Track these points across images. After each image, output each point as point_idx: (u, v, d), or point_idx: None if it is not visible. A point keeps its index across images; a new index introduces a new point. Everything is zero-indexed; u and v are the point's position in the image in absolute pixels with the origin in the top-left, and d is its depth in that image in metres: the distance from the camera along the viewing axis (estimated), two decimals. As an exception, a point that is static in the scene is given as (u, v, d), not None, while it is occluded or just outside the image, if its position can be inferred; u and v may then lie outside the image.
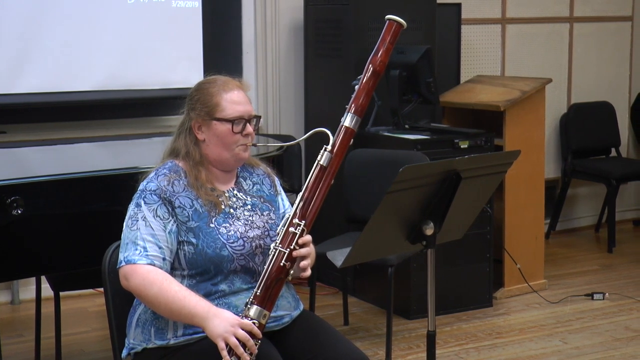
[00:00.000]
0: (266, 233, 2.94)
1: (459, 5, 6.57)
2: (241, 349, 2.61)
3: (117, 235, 3.06)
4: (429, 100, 5.63)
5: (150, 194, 2.82)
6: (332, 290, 5.72)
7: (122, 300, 3.03)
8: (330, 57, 5.98)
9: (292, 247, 2.74)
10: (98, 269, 3.05)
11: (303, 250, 2.77)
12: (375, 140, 5.41)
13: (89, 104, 5.66)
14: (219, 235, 2.84)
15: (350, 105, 2.86)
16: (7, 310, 5.38)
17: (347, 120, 2.85)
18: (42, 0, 5.41)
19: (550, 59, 7.29)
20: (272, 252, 2.75)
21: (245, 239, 2.88)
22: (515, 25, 7.15)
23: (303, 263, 2.79)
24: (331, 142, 2.82)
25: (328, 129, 2.87)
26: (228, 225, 2.87)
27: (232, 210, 2.92)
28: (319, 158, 2.79)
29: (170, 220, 2.81)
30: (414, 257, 4.93)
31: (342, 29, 5.86)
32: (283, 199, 3.13)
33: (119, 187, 3.82)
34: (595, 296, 5.86)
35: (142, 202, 2.82)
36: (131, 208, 2.85)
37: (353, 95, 2.87)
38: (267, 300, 2.70)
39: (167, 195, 2.82)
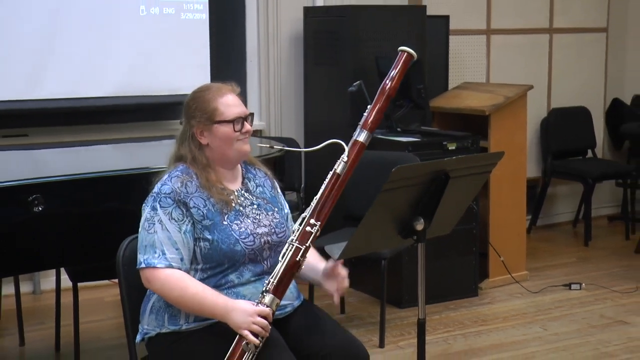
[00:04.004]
0: (272, 230, 2.95)
1: (447, 17, 6.57)
2: (263, 333, 2.66)
3: (130, 230, 3.07)
4: (419, 106, 5.63)
5: (165, 197, 2.82)
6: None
7: (135, 291, 3.02)
8: (328, 65, 5.98)
9: (307, 244, 2.76)
10: (113, 261, 3.04)
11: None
12: (370, 143, 5.37)
13: (104, 108, 5.66)
14: (232, 232, 2.85)
15: (365, 123, 2.87)
16: (29, 300, 5.37)
17: (361, 137, 2.85)
18: (61, 13, 5.41)
19: (532, 67, 7.30)
20: (289, 247, 2.76)
21: (255, 235, 2.89)
22: (499, 36, 7.15)
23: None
24: (346, 153, 2.82)
25: (329, 134, 2.89)
26: (239, 222, 2.88)
27: (241, 209, 2.93)
28: (335, 167, 2.81)
29: (185, 221, 2.81)
30: (405, 250, 4.93)
31: (339, 40, 5.86)
32: (283, 199, 3.14)
33: (132, 186, 3.83)
34: (573, 286, 5.88)
35: (158, 206, 2.81)
36: (147, 211, 2.84)
37: (366, 114, 2.88)
38: (280, 290, 2.73)
39: (182, 197, 2.82)
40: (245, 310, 2.69)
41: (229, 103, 2.91)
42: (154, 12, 5.73)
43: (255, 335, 2.66)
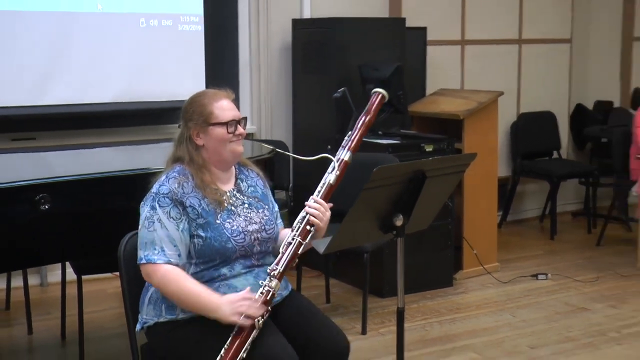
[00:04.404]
0: (262, 227, 2.95)
1: (424, 28, 6.58)
2: (251, 310, 2.68)
3: (130, 227, 3.06)
4: (399, 110, 5.63)
5: (164, 197, 2.81)
6: (315, 274, 5.70)
7: (135, 283, 3.02)
8: (315, 73, 5.98)
9: (306, 241, 2.81)
10: (115, 256, 3.04)
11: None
12: None
13: (107, 114, 5.65)
14: (224, 230, 2.85)
15: (348, 145, 2.95)
16: (36, 292, 5.34)
17: (346, 156, 2.92)
18: (67, 24, 5.39)
19: (502, 75, 7.31)
20: (293, 242, 2.81)
21: (245, 233, 2.89)
22: (473, 46, 7.16)
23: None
24: (336, 167, 2.91)
25: (316, 137, 2.90)
26: (231, 220, 2.88)
27: (233, 208, 2.92)
28: (329, 178, 2.89)
29: (182, 219, 2.81)
30: (386, 244, 4.92)
31: (325, 50, 5.86)
32: (272, 198, 3.14)
33: (133, 186, 3.78)
34: (540, 277, 5.90)
35: (157, 205, 2.81)
36: (146, 210, 2.84)
37: (348, 138, 2.97)
38: (282, 276, 2.78)
39: (179, 196, 2.82)
40: (229, 300, 2.71)
41: (223, 107, 2.92)
42: (153, 24, 5.71)
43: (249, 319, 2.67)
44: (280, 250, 2.83)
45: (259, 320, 2.72)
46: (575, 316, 5.14)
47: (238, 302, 2.69)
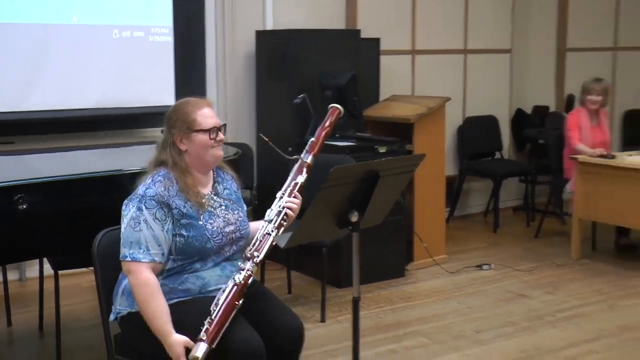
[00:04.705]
0: (237, 228, 2.97)
1: (378, 39, 6.59)
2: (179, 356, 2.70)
3: (104, 224, 3.05)
4: (355, 115, 5.64)
5: (150, 199, 2.79)
6: (278, 266, 5.67)
7: (108, 277, 2.99)
8: (277, 81, 5.96)
9: (280, 232, 2.89)
10: (89, 252, 3.00)
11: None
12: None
13: (84, 119, 5.59)
14: (205, 231, 2.85)
15: (311, 150, 3.01)
16: (15, 286, 5.27)
17: (309, 159, 2.99)
18: (45, 36, 5.34)
19: (449, 82, 7.33)
20: (272, 234, 2.86)
21: (223, 233, 2.90)
22: (423, 55, 7.18)
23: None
24: (304, 174, 2.98)
25: (278, 140, 2.99)
26: (212, 222, 2.88)
27: (213, 210, 2.92)
28: (299, 181, 2.95)
29: (167, 221, 2.80)
30: (343, 239, 4.90)
31: (286, 59, 5.84)
32: (242, 199, 3.13)
33: (107, 186, 3.78)
34: (484, 267, 5.94)
35: (144, 207, 2.79)
36: (133, 210, 2.80)
37: (310, 144, 3.04)
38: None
39: (165, 199, 2.80)
40: (179, 342, 2.70)
41: (205, 115, 2.92)
42: (125, 36, 5.67)
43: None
44: (257, 238, 2.85)
45: (238, 302, 2.74)
46: (516, 302, 5.18)
47: (182, 351, 2.69)
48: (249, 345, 2.75)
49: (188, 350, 2.69)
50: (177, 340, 2.72)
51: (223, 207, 2.96)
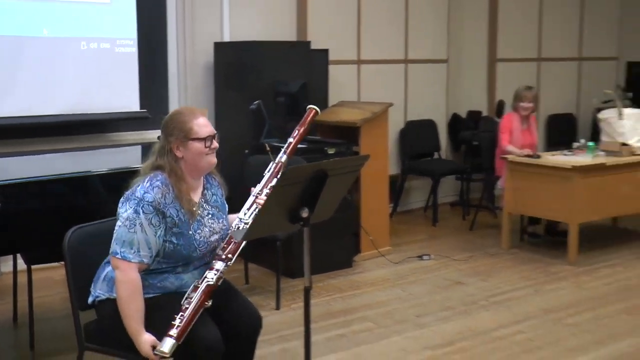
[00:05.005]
0: (221, 237, 2.96)
1: (326, 50, 6.60)
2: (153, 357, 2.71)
3: (73, 222, 3.03)
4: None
5: (148, 205, 2.75)
6: (236, 259, 5.63)
7: (78, 271, 2.97)
8: (234, 89, 5.94)
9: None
10: (60, 247, 2.97)
11: None
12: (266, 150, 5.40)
13: (55, 124, 5.51)
14: (194, 241, 2.84)
15: (286, 150, 3.08)
16: (-9, 280, 5.20)
17: (283, 158, 3.04)
18: (17, 47, 5.27)
19: (392, 89, 7.36)
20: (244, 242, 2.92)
21: (209, 243, 2.90)
22: (367, 65, 7.21)
23: None
24: (277, 170, 3.03)
25: (236, 143, 3.00)
26: (200, 231, 2.87)
27: (201, 219, 2.90)
28: (273, 180, 2.98)
29: (160, 227, 2.78)
30: (295, 233, 4.90)
31: (243, 68, 5.83)
32: (226, 205, 3.12)
33: (77, 186, 3.74)
34: (424, 257, 5.97)
35: (141, 211, 2.75)
36: (130, 211, 2.76)
37: (288, 145, 3.10)
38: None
39: (161, 207, 2.77)
40: (150, 342, 2.71)
41: (201, 124, 2.87)
42: (93, 47, 5.61)
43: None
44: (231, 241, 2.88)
45: (207, 302, 2.76)
46: (453, 289, 5.23)
47: (149, 349, 2.70)
48: (208, 341, 2.76)
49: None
50: (147, 339, 2.72)
51: (210, 216, 2.94)
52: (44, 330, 4.27)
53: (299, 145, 5.29)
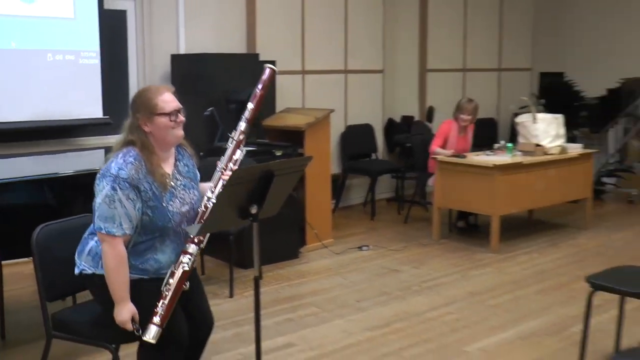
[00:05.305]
0: (192, 207, 2.85)
1: (274, 61, 6.54)
2: (129, 326, 2.70)
3: (40, 220, 2.96)
4: (255, 125, 5.56)
5: (124, 181, 2.65)
6: (193, 251, 5.61)
7: (45, 265, 2.92)
8: (189, 97, 5.80)
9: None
10: (29, 244, 2.91)
11: None
12: (220, 151, 5.15)
13: (23, 130, 5.39)
14: (167, 212, 2.74)
15: (247, 118, 3.00)
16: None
17: (244, 127, 2.98)
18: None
19: (333, 97, 7.39)
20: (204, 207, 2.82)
21: (180, 213, 2.79)
22: (311, 75, 7.22)
23: None
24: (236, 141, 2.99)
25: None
26: (172, 203, 2.77)
27: (174, 190, 2.79)
28: (237, 157, 2.93)
29: (138, 201, 2.68)
30: (246, 227, 4.88)
31: (197, 78, 5.79)
32: (198, 174, 3.02)
33: (45, 187, 3.67)
34: (363, 248, 5.99)
35: (118, 188, 2.65)
36: (107, 188, 2.66)
37: (248, 111, 3.02)
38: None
39: (135, 182, 2.67)
40: (130, 310, 2.69)
41: (166, 99, 2.79)
42: (58, 59, 5.51)
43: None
44: (197, 220, 2.80)
45: (185, 285, 2.74)
46: (389, 276, 5.26)
47: (126, 324, 2.68)
48: (180, 336, 2.75)
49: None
50: (130, 308, 2.68)
51: (183, 187, 2.84)
52: (15, 321, 4.18)
53: (249, 148, 5.38)
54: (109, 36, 5.80)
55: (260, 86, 3.04)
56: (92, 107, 5.65)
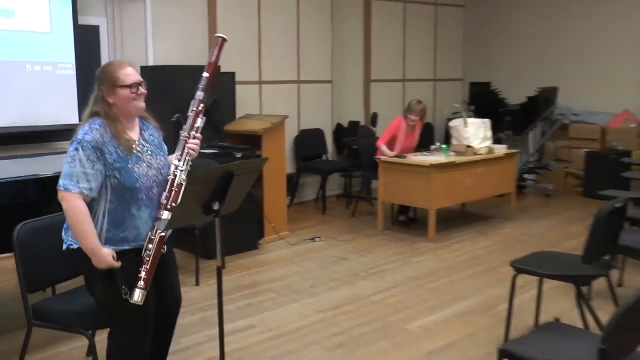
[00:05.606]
0: (159, 172, 2.77)
1: (234, 73, 6.56)
2: (116, 264, 2.63)
3: (22, 218, 2.91)
4: (217, 130, 5.60)
5: (87, 143, 2.58)
6: (162, 244, 5.56)
7: (26, 260, 2.87)
8: (157, 104, 5.72)
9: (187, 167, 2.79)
10: (11, 240, 2.87)
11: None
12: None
13: (5, 135, 5.27)
14: (134, 173, 2.66)
15: (203, 87, 2.96)
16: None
17: (202, 96, 2.93)
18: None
19: (288, 104, 7.37)
20: (177, 176, 2.75)
21: (148, 176, 2.71)
22: (267, 85, 7.20)
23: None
24: (196, 110, 2.95)
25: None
26: (139, 166, 2.69)
27: (140, 155, 2.72)
28: (198, 124, 2.89)
29: (98, 163, 2.59)
30: (210, 222, 4.87)
31: (165, 88, 5.72)
32: (165, 145, 2.96)
33: (25, 187, 3.60)
34: (316, 239, 6.00)
35: (80, 149, 2.58)
36: (71, 150, 2.60)
37: (204, 81, 2.95)
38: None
39: (100, 145, 2.60)
40: (108, 258, 2.61)
41: (127, 73, 2.73)
42: (37, 69, 5.39)
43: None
44: (172, 188, 2.72)
45: (163, 249, 2.72)
46: (339, 264, 5.28)
47: (110, 259, 2.61)
48: (145, 317, 2.71)
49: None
50: (106, 252, 2.62)
51: (149, 153, 2.77)
52: (-3, 311, 4.10)
53: (212, 151, 5.35)
54: (84, 49, 5.71)
55: (214, 56, 2.94)
56: (69, 114, 5.54)
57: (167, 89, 5.72)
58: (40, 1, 5.38)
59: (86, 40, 5.75)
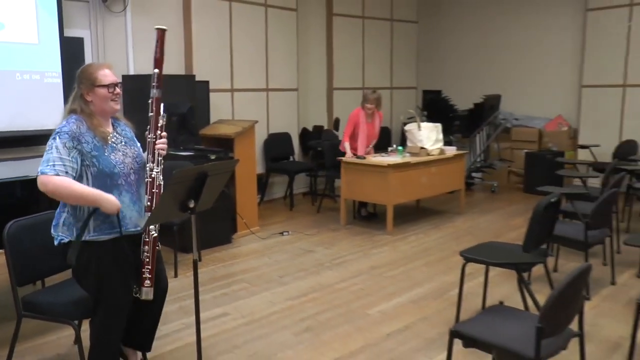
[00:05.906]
0: (134, 160, 2.77)
1: (207, 82, 6.51)
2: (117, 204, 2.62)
3: (12, 217, 2.84)
4: (192, 134, 5.56)
5: (65, 133, 2.58)
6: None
7: (15, 255, 2.81)
8: (137, 111, 5.71)
9: (160, 167, 2.76)
10: (1, 237, 2.82)
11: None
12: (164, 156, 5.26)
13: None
14: (111, 160, 2.66)
15: (156, 84, 2.89)
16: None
17: (158, 94, 2.91)
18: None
19: (258, 111, 7.33)
20: (155, 178, 2.74)
21: (124, 163, 2.71)
22: (239, 92, 7.15)
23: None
24: (153, 107, 2.91)
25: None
26: (115, 154, 2.69)
27: (115, 145, 2.72)
28: (159, 120, 2.87)
29: (74, 150, 2.57)
30: (186, 219, 4.82)
31: (144, 95, 5.62)
32: (136, 140, 2.94)
33: (15, 188, 3.52)
34: (284, 233, 5.99)
35: (58, 137, 2.57)
36: (50, 140, 2.58)
37: (157, 79, 2.89)
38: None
39: (77, 135, 2.58)
40: (112, 201, 2.61)
41: (105, 74, 2.71)
42: (26, 78, 5.26)
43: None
44: (153, 191, 2.72)
45: (158, 246, 2.74)
46: (306, 256, 5.28)
47: (114, 200, 2.60)
48: (122, 306, 2.68)
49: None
50: (109, 196, 2.59)
51: (123, 143, 2.77)
52: (-14, 304, 4.00)
53: (188, 153, 5.29)
54: (69, 59, 5.60)
55: (157, 50, 2.86)
56: (55, 119, 5.33)
57: (146, 96, 5.63)
58: (29, 14, 5.27)
59: (71, 51, 5.65)
